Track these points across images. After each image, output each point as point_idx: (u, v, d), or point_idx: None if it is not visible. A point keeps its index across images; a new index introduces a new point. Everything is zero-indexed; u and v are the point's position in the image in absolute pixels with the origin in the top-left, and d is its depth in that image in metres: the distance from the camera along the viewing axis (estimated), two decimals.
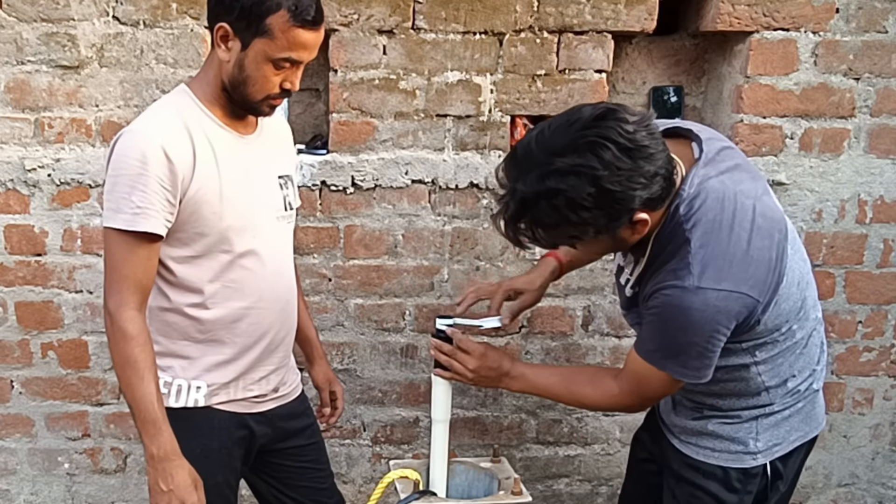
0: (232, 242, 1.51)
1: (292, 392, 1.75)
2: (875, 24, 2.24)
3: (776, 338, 1.46)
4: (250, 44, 1.42)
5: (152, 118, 1.48)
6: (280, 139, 1.69)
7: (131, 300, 1.44)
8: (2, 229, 2.24)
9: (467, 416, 2.46)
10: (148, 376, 1.43)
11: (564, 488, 2.54)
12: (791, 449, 1.54)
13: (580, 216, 1.27)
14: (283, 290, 1.63)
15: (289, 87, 1.47)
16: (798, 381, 1.53)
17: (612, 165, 1.24)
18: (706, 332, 1.35)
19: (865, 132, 2.32)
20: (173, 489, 1.44)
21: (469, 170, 2.28)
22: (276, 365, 1.65)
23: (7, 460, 2.42)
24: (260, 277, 1.56)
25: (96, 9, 2.12)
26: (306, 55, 1.45)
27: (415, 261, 2.34)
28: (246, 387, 1.61)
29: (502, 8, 2.18)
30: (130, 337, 1.43)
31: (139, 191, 1.40)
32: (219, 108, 1.52)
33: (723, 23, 2.22)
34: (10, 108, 2.17)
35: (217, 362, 1.56)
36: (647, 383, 1.48)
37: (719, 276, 1.33)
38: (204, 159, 1.46)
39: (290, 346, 1.71)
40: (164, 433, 1.44)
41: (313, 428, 1.82)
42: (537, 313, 2.39)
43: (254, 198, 1.54)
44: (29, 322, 2.32)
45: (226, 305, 1.54)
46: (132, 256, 1.43)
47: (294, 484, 1.78)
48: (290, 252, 1.68)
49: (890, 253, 2.40)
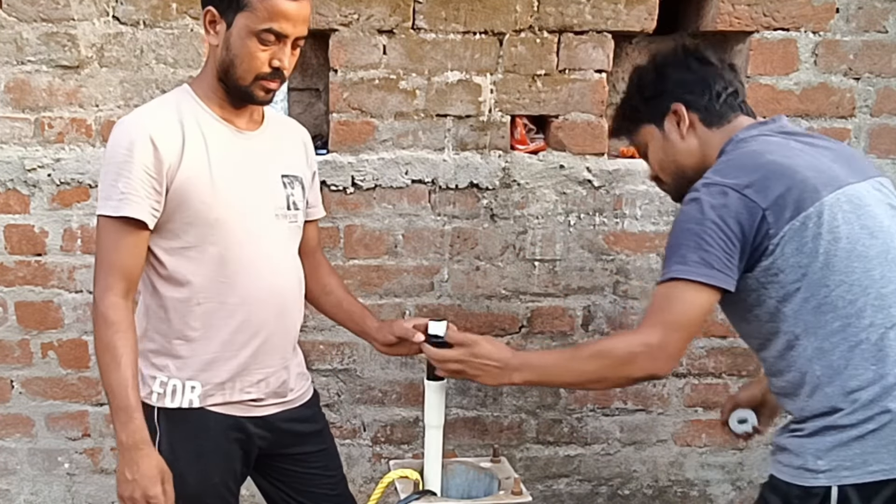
0: (221, 235, 1.50)
1: (299, 398, 1.71)
2: (875, 24, 2.25)
3: (817, 301, 1.35)
4: (233, 21, 1.44)
5: (145, 109, 1.52)
6: (290, 140, 1.68)
7: (115, 287, 1.45)
8: (2, 229, 2.24)
9: (467, 416, 2.46)
10: (125, 363, 1.43)
11: (564, 488, 2.54)
12: (870, 480, 1.38)
13: (641, 95, 1.58)
14: (279, 289, 1.59)
15: (278, 64, 1.45)
16: (862, 387, 1.36)
17: (669, 59, 1.58)
18: (701, 220, 1.36)
19: (865, 132, 2.32)
20: (137, 479, 1.43)
21: (469, 170, 2.28)
22: (274, 367, 1.62)
23: (7, 460, 2.42)
24: (252, 274, 1.53)
25: (96, 9, 2.12)
26: (289, 27, 1.43)
27: (415, 261, 2.34)
28: (242, 389, 1.58)
29: (502, 8, 2.19)
30: (111, 323, 1.44)
31: (124, 178, 1.42)
32: (216, 102, 1.53)
33: (723, 23, 2.22)
34: (10, 108, 2.17)
35: (209, 361, 1.54)
36: (664, 305, 1.39)
37: (721, 174, 1.39)
38: (193, 149, 1.47)
39: (289, 349, 1.66)
40: (134, 421, 1.43)
41: (323, 434, 1.78)
42: (537, 313, 2.39)
43: (248, 192, 1.53)
44: (29, 322, 2.31)
45: (216, 301, 1.52)
46: (118, 243, 1.45)
47: (303, 489, 1.74)
48: (291, 251, 1.65)
49: None
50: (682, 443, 2.52)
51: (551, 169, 2.29)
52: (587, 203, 2.32)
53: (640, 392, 2.46)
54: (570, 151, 2.29)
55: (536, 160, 2.29)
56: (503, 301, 2.37)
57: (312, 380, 1.85)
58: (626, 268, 2.37)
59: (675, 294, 1.39)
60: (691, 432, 2.49)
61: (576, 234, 2.34)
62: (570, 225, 2.33)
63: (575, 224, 2.33)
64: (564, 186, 2.31)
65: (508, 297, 2.37)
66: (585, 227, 2.34)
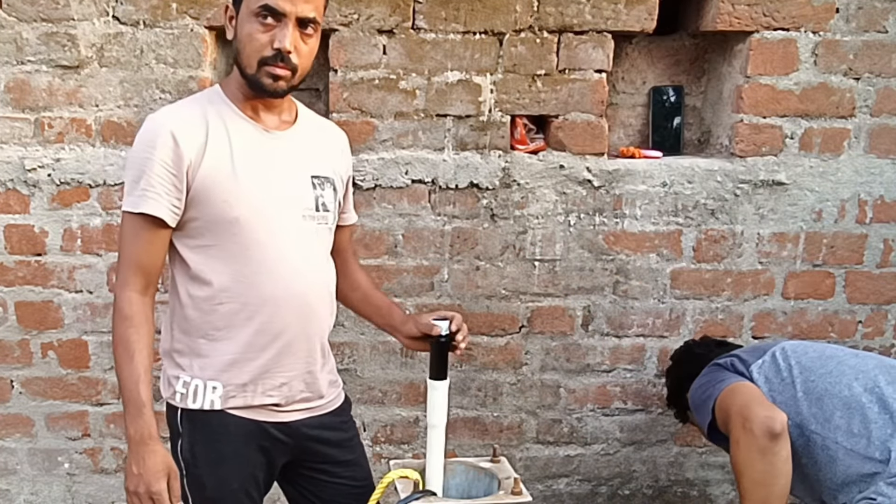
0: (243, 234, 1.48)
1: (326, 405, 1.67)
2: (875, 24, 2.25)
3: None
4: (240, 9, 1.45)
5: (172, 106, 1.53)
6: (325, 142, 1.65)
7: (131, 281, 1.46)
8: (2, 229, 2.25)
9: (467, 416, 2.46)
10: (138, 358, 1.43)
11: (564, 488, 2.54)
12: None
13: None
14: (302, 291, 1.54)
15: (279, 45, 1.42)
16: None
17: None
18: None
19: (865, 132, 2.32)
20: (142, 473, 1.43)
21: (469, 170, 2.28)
22: (297, 371, 1.58)
23: (7, 460, 2.42)
24: (275, 274, 1.51)
25: (96, 9, 2.12)
26: (287, 4, 1.41)
27: (415, 261, 2.34)
28: (265, 392, 1.55)
29: (502, 8, 2.18)
30: (125, 317, 1.45)
31: (145, 174, 1.43)
32: (243, 101, 1.52)
33: (723, 22, 2.22)
34: (10, 108, 2.17)
35: (230, 361, 1.52)
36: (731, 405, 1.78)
37: None
38: (216, 146, 1.46)
39: (314, 354, 1.61)
40: (144, 416, 1.43)
41: (353, 443, 1.75)
42: (537, 313, 2.39)
43: (273, 192, 1.50)
44: (29, 322, 2.32)
45: (238, 301, 1.50)
46: (136, 239, 1.46)
47: (328, 498, 1.71)
48: (319, 253, 1.60)
49: (890, 253, 2.40)
50: (682, 443, 2.52)
51: (551, 169, 2.29)
52: (587, 203, 2.32)
53: (640, 392, 2.46)
54: (570, 151, 2.29)
55: (536, 160, 2.29)
56: (503, 301, 2.38)
57: (344, 385, 1.80)
58: (626, 268, 2.37)
59: (736, 391, 1.79)
60: (691, 432, 2.49)
61: (576, 234, 2.34)
62: (570, 225, 2.33)
63: (575, 224, 2.33)
64: (564, 186, 2.31)
65: (508, 297, 2.37)
66: (585, 227, 2.34)
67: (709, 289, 2.40)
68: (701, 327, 2.42)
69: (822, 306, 2.43)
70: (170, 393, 1.55)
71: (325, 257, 1.63)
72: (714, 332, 2.41)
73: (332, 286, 1.65)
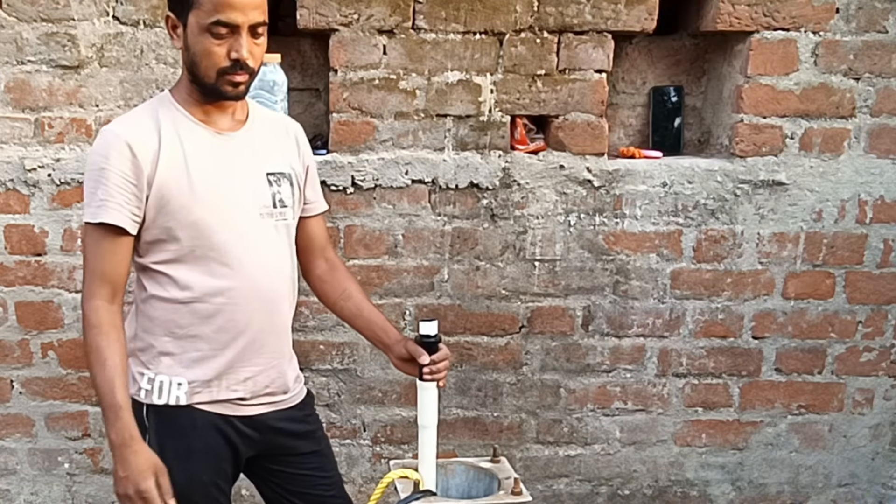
0: (203, 236, 1.51)
1: (290, 399, 1.70)
2: (875, 24, 2.25)
3: None
4: (187, 21, 1.45)
5: (123, 117, 1.56)
6: (278, 137, 1.67)
7: (97, 292, 1.48)
8: (2, 229, 2.25)
9: (467, 416, 2.46)
10: (110, 364, 1.45)
11: (564, 488, 2.54)
12: None
13: None
14: (265, 288, 1.58)
15: (236, 56, 1.44)
16: None
17: None
18: None
19: (865, 132, 2.32)
20: (129, 475, 1.44)
21: (469, 170, 2.28)
22: (262, 366, 1.62)
23: (7, 460, 2.42)
24: (236, 273, 1.54)
25: (96, 9, 2.12)
26: (238, 16, 1.42)
27: (415, 261, 2.34)
28: (229, 387, 1.59)
29: (502, 8, 2.18)
30: (92, 325, 1.47)
31: (102, 185, 1.45)
32: (194, 105, 1.53)
33: (723, 23, 2.22)
34: (10, 108, 2.17)
35: (196, 358, 1.56)
36: None
37: None
38: (170, 154, 1.48)
39: (278, 349, 1.65)
40: (122, 419, 1.44)
41: (317, 435, 1.77)
42: (537, 313, 2.39)
43: (230, 193, 1.53)
44: (29, 322, 2.32)
45: (201, 300, 1.53)
46: (98, 249, 1.49)
47: (297, 490, 1.74)
48: (280, 250, 1.62)
49: (890, 253, 2.40)
50: (682, 443, 2.52)
51: (551, 169, 2.29)
52: (587, 203, 2.32)
53: (640, 392, 2.46)
54: (570, 151, 2.29)
55: (536, 160, 2.29)
56: (503, 301, 2.38)
57: (309, 380, 1.83)
58: (625, 268, 2.37)
59: None
60: (691, 432, 2.49)
61: (576, 234, 2.34)
62: (570, 225, 2.33)
63: (575, 224, 2.33)
64: (564, 186, 2.31)
65: (508, 297, 2.37)
66: (585, 227, 2.34)
67: (709, 289, 2.40)
68: (701, 327, 2.42)
69: (822, 306, 2.43)
70: (134, 389, 1.56)
71: (286, 253, 1.65)
72: (714, 331, 2.41)
73: (295, 282, 1.68)
